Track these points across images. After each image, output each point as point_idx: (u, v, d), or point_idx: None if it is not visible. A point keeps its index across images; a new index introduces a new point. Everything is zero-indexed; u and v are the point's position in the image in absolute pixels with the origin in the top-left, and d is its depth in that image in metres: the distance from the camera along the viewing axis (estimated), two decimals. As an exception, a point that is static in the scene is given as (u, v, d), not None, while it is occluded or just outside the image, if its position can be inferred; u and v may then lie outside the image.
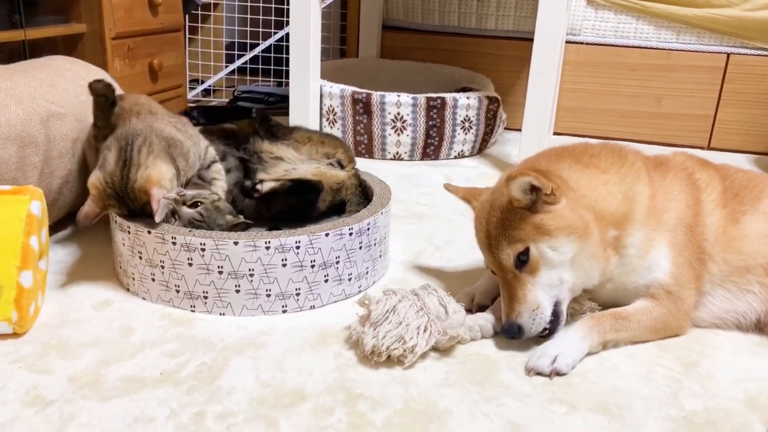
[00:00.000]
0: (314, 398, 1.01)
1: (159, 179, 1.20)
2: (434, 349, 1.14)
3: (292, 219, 1.45)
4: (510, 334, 1.13)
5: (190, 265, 1.21)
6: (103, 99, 1.36)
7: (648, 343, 1.21)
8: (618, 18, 2.59)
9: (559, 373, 1.10)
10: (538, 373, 1.10)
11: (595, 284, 1.19)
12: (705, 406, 1.04)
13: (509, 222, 1.14)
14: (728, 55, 2.54)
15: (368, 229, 1.33)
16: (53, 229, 1.55)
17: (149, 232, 1.22)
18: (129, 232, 1.25)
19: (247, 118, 1.57)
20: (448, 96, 2.24)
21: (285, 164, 1.53)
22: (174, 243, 1.20)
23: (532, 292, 1.13)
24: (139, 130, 1.26)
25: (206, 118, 1.92)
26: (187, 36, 2.99)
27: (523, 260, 1.13)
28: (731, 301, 1.25)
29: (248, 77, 3.16)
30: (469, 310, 1.25)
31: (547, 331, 1.15)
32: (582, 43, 2.65)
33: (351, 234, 1.29)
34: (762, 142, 2.60)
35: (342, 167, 1.55)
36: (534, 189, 1.11)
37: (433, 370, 1.10)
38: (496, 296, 1.26)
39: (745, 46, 2.51)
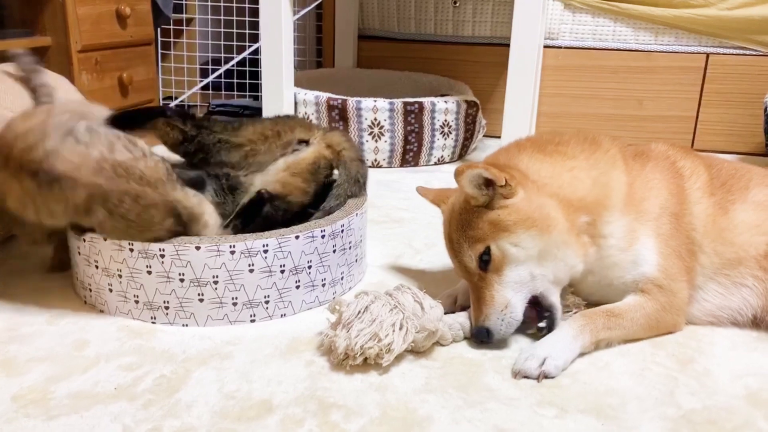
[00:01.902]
0: (282, 409, 0.93)
1: None
2: (413, 350, 1.06)
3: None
4: (479, 339, 1.08)
5: (149, 273, 1.13)
6: None
7: (641, 340, 1.14)
8: (596, 21, 2.56)
9: (548, 376, 1.02)
10: (526, 377, 1.02)
11: (579, 272, 1.13)
12: (704, 404, 0.97)
13: (467, 222, 1.09)
14: (707, 55, 2.51)
15: (342, 231, 1.26)
16: (7, 238, 1.46)
17: (105, 239, 1.13)
18: (84, 240, 1.17)
19: (160, 117, 1.35)
20: (426, 100, 2.19)
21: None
22: (131, 250, 1.12)
23: (500, 291, 1.07)
24: None
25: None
26: (160, 51, 2.92)
27: (485, 260, 1.07)
28: (725, 296, 1.19)
29: (223, 92, 3.09)
30: (452, 313, 1.18)
31: (545, 329, 1.09)
32: (560, 47, 2.61)
33: (323, 236, 1.22)
34: (745, 142, 2.57)
35: (307, 143, 1.41)
36: (489, 184, 1.06)
37: (413, 375, 1.02)
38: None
39: (724, 45, 2.49)
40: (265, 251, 1.15)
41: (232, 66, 2.97)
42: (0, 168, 1.11)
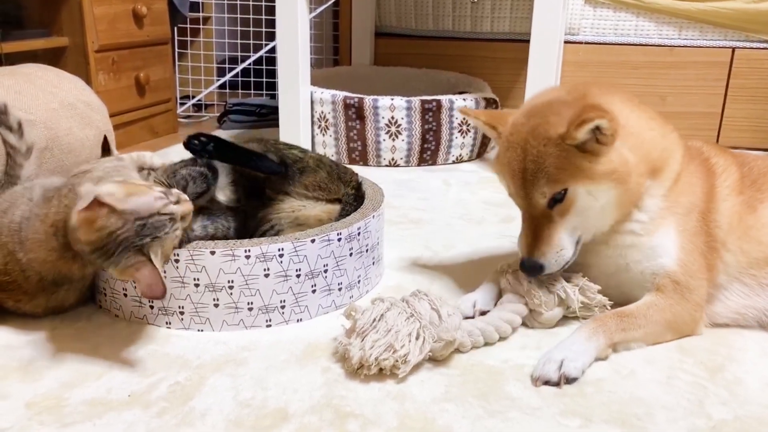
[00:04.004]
0: (298, 418, 0.91)
1: None
2: (431, 359, 1.03)
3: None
4: (530, 272, 1.09)
5: (164, 278, 1.11)
6: None
7: (666, 346, 1.10)
8: (617, 15, 2.51)
9: (568, 378, 0.99)
10: (546, 382, 0.99)
11: (603, 231, 1.13)
12: (735, 414, 0.94)
13: (553, 158, 1.04)
14: (733, 49, 2.45)
15: (359, 234, 1.24)
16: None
17: (119, 243, 1.12)
18: (98, 244, 1.15)
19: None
20: (444, 98, 2.15)
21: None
22: (146, 253, 1.11)
23: (559, 233, 1.08)
24: None
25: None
26: (177, 51, 2.92)
27: (558, 199, 1.06)
28: (750, 296, 1.16)
29: (240, 91, 3.08)
30: (471, 317, 1.15)
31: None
32: (581, 42, 2.56)
33: (340, 240, 1.20)
34: (772, 138, 2.50)
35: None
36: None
37: (432, 384, 0.99)
38: (498, 301, 1.17)
39: (751, 39, 2.42)
40: (281, 255, 1.13)
41: (249, 65, 2.96)
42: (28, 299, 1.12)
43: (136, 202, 0.97)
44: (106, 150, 1.49)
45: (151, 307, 1.14)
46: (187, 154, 1.25)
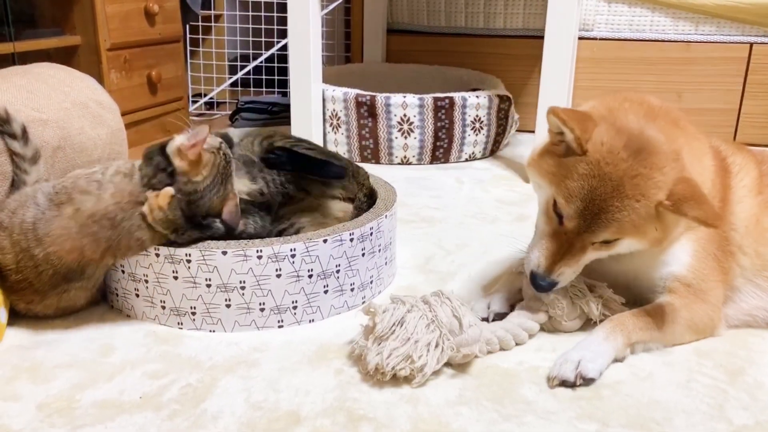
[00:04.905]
0: (311, 421, 0.90)
1: None
2: (447, 363, 1.02)
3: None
4: (543, 289, 1.06)
5: (176, 278, 1.11)
6: None
7: (684, 349, 1.08)
8: (632, 11, 2.48)
9: (585, 378, 0.98)
10: (563, 382, 0.98)
11: None
12: (756, 419, 0.92)
13: (636, 215, 0.99)
14: (751, 44, 2.41)
15: (371, 234, 1.22)
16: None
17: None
18: (110, 244, 1.15)
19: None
20: (457, 95, 2.13)
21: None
22: (157, 255, 1.10)
23: (582, 261, 1.05)
24: None
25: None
26: (189, 48, 2.92)
27: (607, 242, 1.03)
28: (762, 298, 1.15)
29: (252, 89, 3.08)
30: (485, 319, 1.13)
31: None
32: (595, 38, 2.53)
33: (352, 240, 1.18)
34: (791, 135, 2.46)
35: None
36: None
37: (446, 387, 0.98)
38: (514, 304, 1.15)
39: (769, 34, 2.38)
40: (293, 256, 1.12)
41: (261, 62, 2.96)
42: (39, 300, 1.13)
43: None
44: None
45: (163, 307, 1.13)
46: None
